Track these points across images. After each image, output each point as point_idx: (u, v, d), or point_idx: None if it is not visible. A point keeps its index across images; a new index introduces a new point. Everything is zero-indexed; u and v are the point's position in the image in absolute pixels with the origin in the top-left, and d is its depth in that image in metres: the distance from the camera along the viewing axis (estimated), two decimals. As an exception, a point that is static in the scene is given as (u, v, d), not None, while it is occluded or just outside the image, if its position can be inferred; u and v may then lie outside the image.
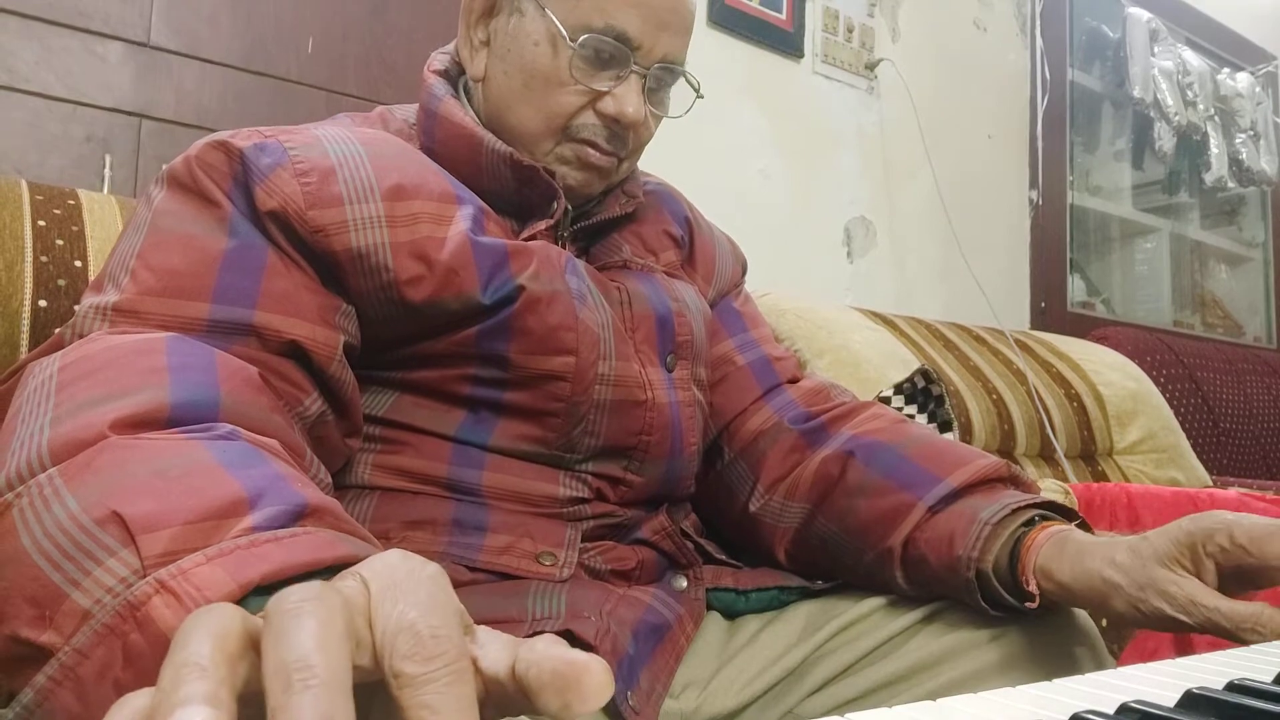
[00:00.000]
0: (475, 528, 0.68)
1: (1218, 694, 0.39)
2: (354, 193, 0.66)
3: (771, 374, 0.88)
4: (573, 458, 0.72)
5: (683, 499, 0.83)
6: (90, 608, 0.37)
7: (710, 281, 0.89)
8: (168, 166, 0.66)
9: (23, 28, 1.33)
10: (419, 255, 0.66)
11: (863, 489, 0.76)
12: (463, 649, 0.29)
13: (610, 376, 0.72)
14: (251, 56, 1.52)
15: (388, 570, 0.31)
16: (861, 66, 2.30)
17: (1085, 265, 3.03)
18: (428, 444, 0.70)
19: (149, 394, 0.49)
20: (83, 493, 0.42)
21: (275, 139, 0.66)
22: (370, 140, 0.71)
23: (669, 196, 0.90)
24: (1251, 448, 2.64)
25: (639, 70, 0.74)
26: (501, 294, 0.68)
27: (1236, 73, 3.33)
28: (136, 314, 0.58)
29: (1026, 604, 0.65)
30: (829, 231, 2.24)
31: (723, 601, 0.77)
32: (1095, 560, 0.62)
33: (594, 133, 0.75)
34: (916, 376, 1.49)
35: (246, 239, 0.63)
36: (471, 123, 0.75)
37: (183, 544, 0.39)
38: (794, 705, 0.69)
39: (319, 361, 0.63)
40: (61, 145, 1.36)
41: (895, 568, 0.72)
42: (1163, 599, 0.59)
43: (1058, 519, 0.69)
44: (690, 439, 0.79)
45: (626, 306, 0.77)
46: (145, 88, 1.43)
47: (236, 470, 0.44)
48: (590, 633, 0.60)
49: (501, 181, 0.75)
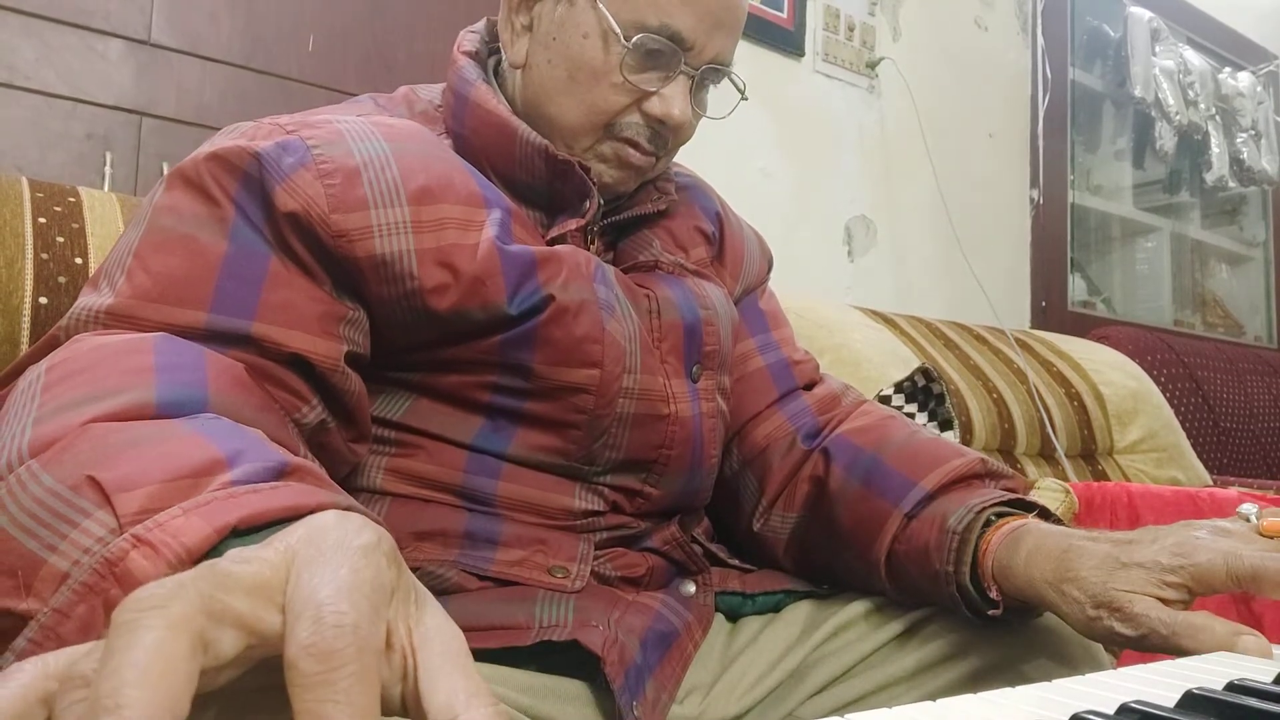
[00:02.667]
0: (487, 540, 0.67)
1: (1218, 694, 0.39)
2: (379, 196, 0.63)
3: (789, 378, 0.86)
4: (591, 470, 0.71)
5: (698, 509, 0.82)
6: (68, 569, 0.36)
7: (738, 279, 0.87)
8: (177, 165, 0.63)
9: (23, 25, 1.33)
10: (444, 263, 0.64)
11: (842, 494, 0.75)
12: (369, 642, 0.26)
13: (634, 390, 0.71)
14: (252, 54, 1.52)
15: (316, 536, 0.29)
16: (862, 65, 2.30)
17: (1086, 264, 3.03)
18: (443, 450, 0.68)
19: (134, 394, 0.48)
20: (59, 470, 0.41)
21: (298, 135, 0.63)
22: (395, 134, 0.68)
23: (701, 191, 0.88)
24: (1251, 447, 2.64)
25: (688, 71, 0.71)
26: (529, 304, 0.66)
27: (1238, 72, 3.33)
28: (131, 318, 0.57)
29: (990, 612, 0.63)
30: (830, 230, 2.24)
31: (728, 604, 0.76)
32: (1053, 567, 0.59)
33: (637, 132, 0.72)
34: (917, 375, 1.49)
35: (248, 245, 0.60)
36: (505, 111, 0.72)
37: (160, 501, 0.38)
38: (795, 707, 0.69)
39: (321, 371, 0.61)
40: (62, 143, 1.36)
41: (883, 578, 0.71)
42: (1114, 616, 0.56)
43: (1016, 513, 0.67)
44: (711, 451, 0.78)
45: (655, 316, 0.74)
46: (146, 85, 1.43)
47: (213, 437, 0.43)
48: (597, 643, 0.59)
49: (534, 174, 0.72)
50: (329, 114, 0.69)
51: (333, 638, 0.26)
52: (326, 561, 0.28)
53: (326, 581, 0.27)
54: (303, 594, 0.27)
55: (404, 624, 0.30)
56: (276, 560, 0.29)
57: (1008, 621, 0.66)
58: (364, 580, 0.28)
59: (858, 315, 1.83)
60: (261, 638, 0.27)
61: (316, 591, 0.27)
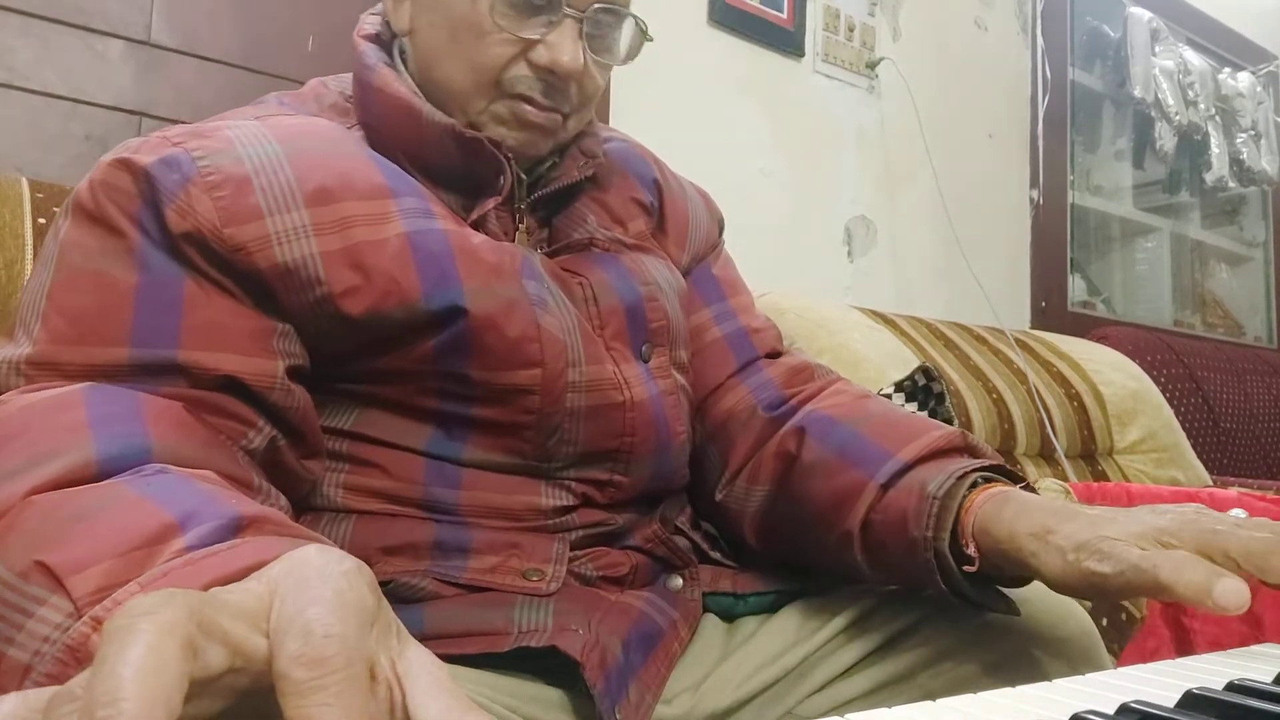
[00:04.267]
0: (458, 549, 0.65)
1: (1218, 694, 0.39)
2: (274, 202, 0.60)
3: (749, 348, 0.83)
4: (551, 467, 0.69)
5: (677, 491, 0.80)
6: (29, 661, 0.36)
7: (684, 247, 0.83)
8: (74, 191, 0.60)
9: (22, 25, 1.33)
10: (354, 264, 0.61)
11: (816, 468, 0.72)
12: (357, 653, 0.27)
13: (582, 383, 0.68)
14: (251, 55, 1.52)
15: (298, 567, 0.29)
16: (862, 66, 2.30)
17: (1086, 265, 3.03)
18: (399, 460, 0.66)
19: (72, 455, 0.46)
20: (4, 554, 0.40)
21: (183, 147, 0.60)
22: (290, 134, 0.65)
23: (635, 157, 0.83)
24: (1251, 448, 2.64)
25: (573, 14, 0.67)
26: (446, 303, 0.63)
27: (1237, 72, 3.33)
28: (54, 365, 0.55)
29: (965, 567, 0.61)
30: (829, 231, 2.24)
31: (721, 605, 0.75)
32: (1041, 519, 0.57)
33: (528, 86, 0.68)
34: (917, 374, 1.49)
35: (159, 271, 0.57)
36: (408, 92, 0.68)
37: (115, 578, 0.37)
38: (794, 705, 0.69)
39: (258, 391, 0.59)
40: (61, 143, 1.36)
41: (856, 551, 0.68)
42: (1091, 556, 0.53)
43: (1004, 480, 0.65)
44: (678, 428, 0.75)
45: (592, 303, 0.71)
46: (145, 86, 1.43)
47: (161, 500, 0.42)
48: (576, 647, 0.58)
49: (446, 156, 0.68)
50: (223, 119, 0.66)
51: (322, 646, 0.26)
52: (310, 585, 0.28)
53: (312, 601, 0.28)
54: (288, 613, 0.27)
55: (386, 656, 0.30)
56: (260, 590, 0.29)
57: (979, 605, 0.63)
58: (349, 600, 0.28)
59: (857, 315, 1.83)
60: (247, 659, 0.27)
61: (304, 610, 0.27)
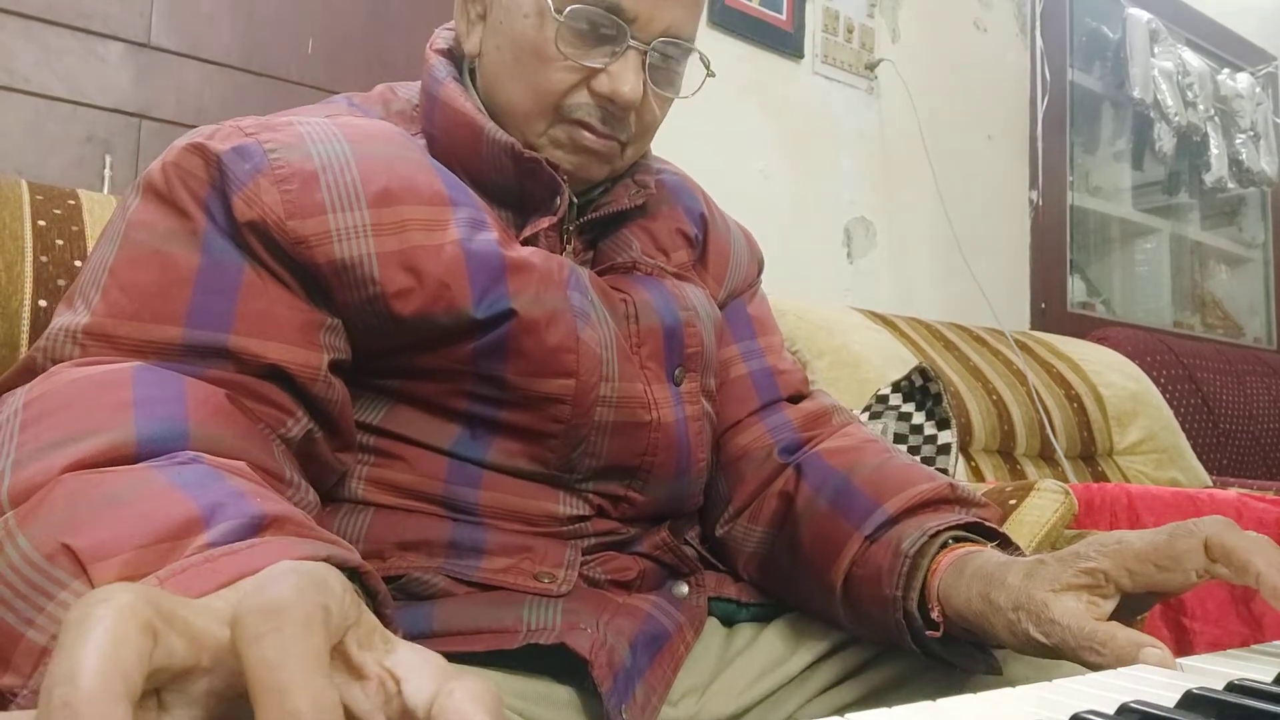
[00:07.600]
0: (472, 549, 0.66)
1: (1218, 694, 0.39)
2: (338, 199, 0.62)
3: (772, 388, 0.83)
4: (572, 477, 0.69)
5: (689, 514, 0.80)
6: (46, 644, 0.36)
7: (722, 282, 0.85)
8: (146, 171, 0.62)
9: (23, 28, 1.33)
10: (408, 266, 0.63)
11: (807, 515, 0.72)
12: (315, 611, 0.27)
13: (612, 398, 0.69)
14: (252, 57, 1.52)
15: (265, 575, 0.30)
16: (861, 67, 2.30)
17: (1085, 266, 3.03)
18: (423, 458, 0.67)
19: (113, 433, 0.47)
20: (33, 531, 0.41)
21: (255, 139, 0.62)
22: (359, 135, 0.66)
23: (685, 190, 0.85)
24: (1251, 448, 2.65)
25: (637, 46, 0.68)
26: (494, 310, 0.65)
27: (1236, 73, 3.33)
28: (108, 337, 0.56)
29: (928, 632, 0.61)
30: (829, 232, 2.24)
31: (723, 610, 0.75)
32: (985, 582, 0.57)
33: (587, 113, 0.69)
34: (914, 374, 1.49)
35: (221, 256, 0.59)
36: (473, 109, 0.70)
37: (136, 569, 0.38)
38: (794, 711, 0.69)
39: (301, 382, 0.60)
40: (62, 146, 1.36)
41: (837, 605, 0.68)
42: (1030, 620, 0.54)
43: (974, 539, 0.65)
44: (699, 455, 0.76)
45: (633, 320, 0.72)
46: (145, 88, 1.43)
47: (191, 491, 0.43)
48: (585, 646, 0.59)
49: (503, 173, 0.70)
50: (294, 115, 0.68)
51: (276, 597, 0.27)
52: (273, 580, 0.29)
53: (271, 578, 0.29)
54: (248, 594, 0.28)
55: (373, 656, 0.31)
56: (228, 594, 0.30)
57: (950, 664, 0.63)
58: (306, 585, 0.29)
59: (857, 317, 1.83)
60: (212, 653, 0.28)
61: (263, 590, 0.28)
